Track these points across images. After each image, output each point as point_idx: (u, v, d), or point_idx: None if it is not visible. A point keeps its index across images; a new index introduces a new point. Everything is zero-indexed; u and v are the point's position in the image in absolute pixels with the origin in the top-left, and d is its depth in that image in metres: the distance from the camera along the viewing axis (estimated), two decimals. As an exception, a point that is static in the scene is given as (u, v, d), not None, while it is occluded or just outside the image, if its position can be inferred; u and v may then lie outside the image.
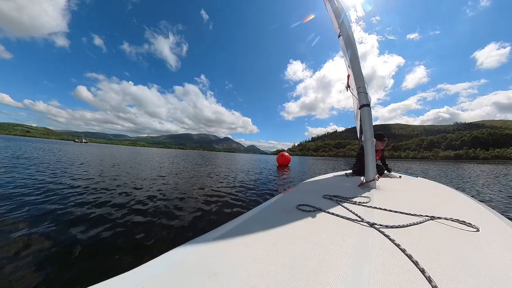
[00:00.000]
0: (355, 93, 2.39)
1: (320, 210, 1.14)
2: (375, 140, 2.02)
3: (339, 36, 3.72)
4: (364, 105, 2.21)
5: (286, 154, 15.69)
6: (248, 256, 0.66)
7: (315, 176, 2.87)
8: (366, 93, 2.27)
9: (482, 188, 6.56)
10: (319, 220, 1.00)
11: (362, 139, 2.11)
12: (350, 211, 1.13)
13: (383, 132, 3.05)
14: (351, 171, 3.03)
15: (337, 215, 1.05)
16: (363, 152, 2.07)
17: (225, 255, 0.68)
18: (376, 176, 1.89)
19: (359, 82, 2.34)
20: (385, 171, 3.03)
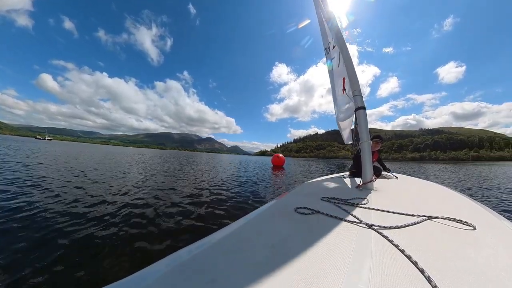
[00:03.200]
0: (351, 96, 2.43)
1: (318, 212, 1.13)
2: (371, 142, 2.06)
3: (328, 42, 3.82)
4: (360, 107, 2.26)
5: (281, 155, 15.82)
6: (247, 260, 0.66)
7: (312, 179, 2.87)
8: (361, 96, 2.32)
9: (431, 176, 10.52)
10: (318, 223, 0.99)
11: (359, 141, 2.14)
12: (349, 213, 1.12)
13: (379, 134, 3.17)
14: (348, 173, 3.09)
15: (336, 217, 1.05)
16: (359, 154, 2.10)
17: (223, 260, 0.66)
18: (373, 178, 1.92)
19: (354, 86, 2.39)
20: (383, 172, 3.13)
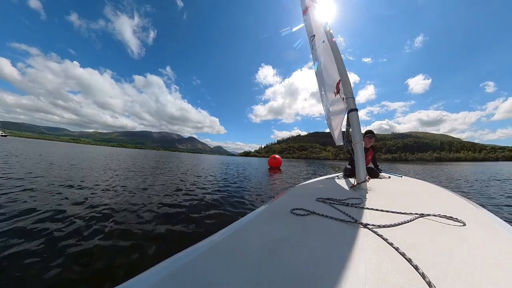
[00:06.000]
0: (344, 98, 2.48)
1: (314, 213, 1.13)
2: (362, 142, 2.11)
3: (311, 46, 3.88)
4: (352, 109, 2.31)
5: (278, 156, 15.41)
6: (243, 263, 0.65)
7: (307, 180, 2.88)
8: (354, 98, 2.38)
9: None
10: (314, 223, 1.00)
11: (352, 142, 2.18)
12: (344, 213, 1.14)
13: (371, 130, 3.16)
14: (342, 173, 3.13)
15: (331, 218, 1.06)
16: (353, 155, 2.14)
17: (219, 264, 0.65)
18: (367, 178, 1.97)
19: (346, 88, 2.45)
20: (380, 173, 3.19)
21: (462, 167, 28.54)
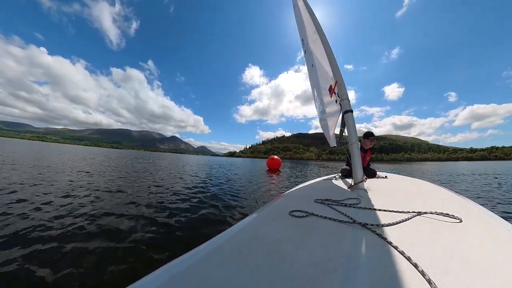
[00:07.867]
0: (339, 99, 2.54)
1: (313, 214, 1.13)
2: (360, 142, 2.17)
3: (304, 50, 3.95)
4: (348, 111, 2.37)
5: (276, 157, 14.85)
6: (242, 267, 0.65)
7: (305, 182, 2.88)
8: (349, 100, 2.45)
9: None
10: (313, 225, 1.00)
11: (349, 143, 2.23)
12: (342, 213, 1.14)
13: (371, 131, 3.25)
14: (340, 174, 3.18)
15: (330, 219, 1.06)
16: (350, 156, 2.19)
17: (219, 267, 0.66)
18: (364, 178, 2.02)
19: (342, 90, 2.51)
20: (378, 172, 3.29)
21: (429, 166, 31.55)
